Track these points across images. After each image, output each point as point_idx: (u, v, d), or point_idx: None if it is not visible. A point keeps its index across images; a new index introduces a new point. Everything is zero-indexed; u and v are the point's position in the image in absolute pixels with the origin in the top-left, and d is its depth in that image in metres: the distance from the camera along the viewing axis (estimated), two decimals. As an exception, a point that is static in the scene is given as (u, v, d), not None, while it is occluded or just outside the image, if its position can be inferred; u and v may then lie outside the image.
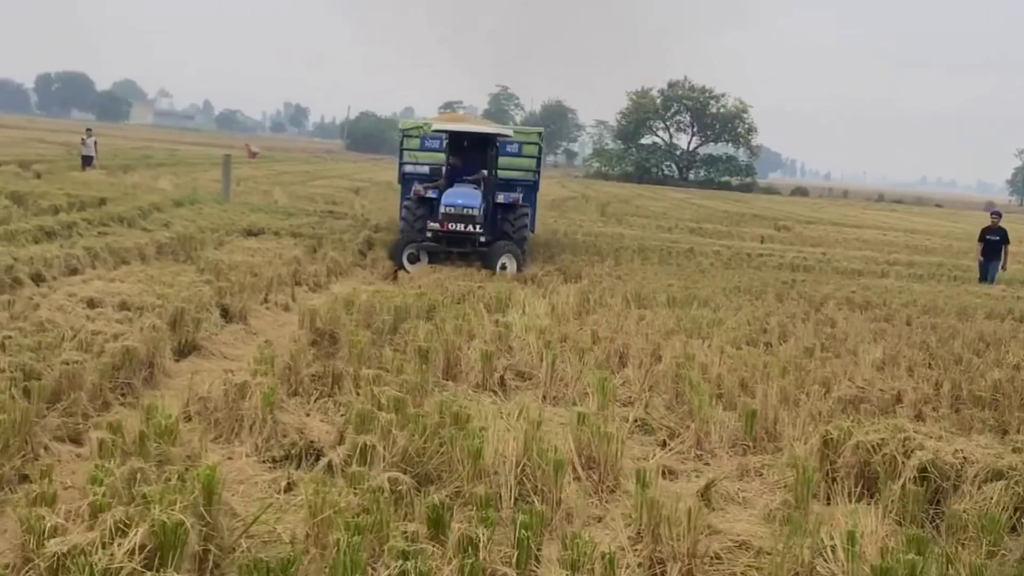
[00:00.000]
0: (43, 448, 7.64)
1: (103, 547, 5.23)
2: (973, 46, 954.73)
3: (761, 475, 8.66)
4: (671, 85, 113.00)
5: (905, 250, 35.03)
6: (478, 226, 19.82)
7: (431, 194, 21.01)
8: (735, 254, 27.59)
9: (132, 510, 5.56)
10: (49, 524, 5.39)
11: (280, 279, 16.11)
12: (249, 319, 13.29)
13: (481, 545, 5.63)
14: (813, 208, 69.75)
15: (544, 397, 10.57)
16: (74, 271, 15.15)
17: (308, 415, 9.09)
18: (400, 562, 5.27)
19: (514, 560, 5.67)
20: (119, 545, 5.27)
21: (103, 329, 10.60)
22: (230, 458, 7.96)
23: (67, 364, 8.89)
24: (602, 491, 7.86)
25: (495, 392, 10.64)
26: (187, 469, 6.79)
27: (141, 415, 7.78)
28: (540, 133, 24.80)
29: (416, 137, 23.72)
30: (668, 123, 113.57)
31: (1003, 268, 25.37)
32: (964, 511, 7.23)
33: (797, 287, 20.52)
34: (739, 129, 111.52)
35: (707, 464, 9.04)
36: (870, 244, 36.68)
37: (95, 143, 41.39)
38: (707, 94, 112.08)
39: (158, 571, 5.24)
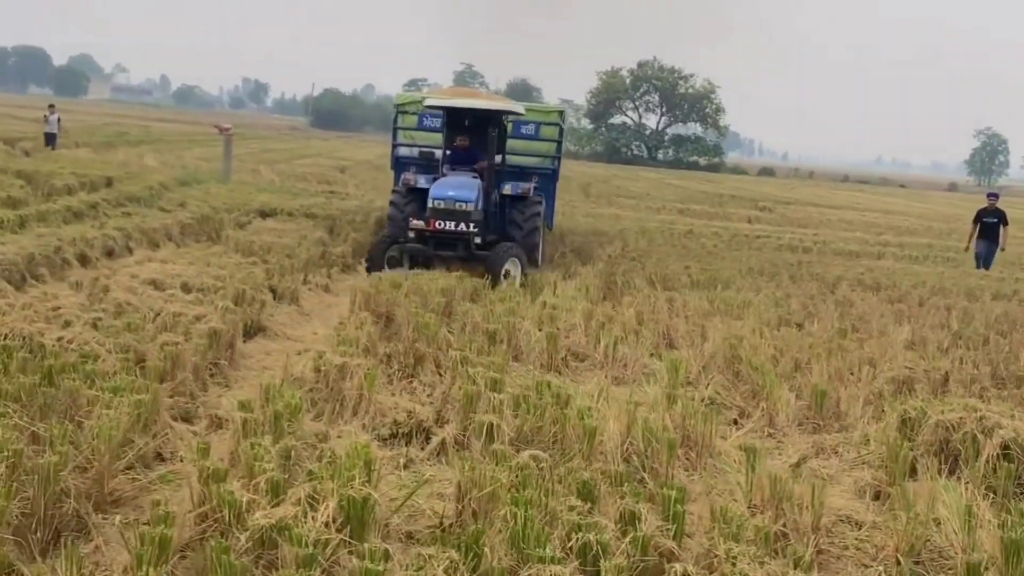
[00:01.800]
0: (169, 427, 7.91)
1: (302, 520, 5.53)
2: (931, 27, 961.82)
3: (837, 453, 9.05)
4: (640, 65, 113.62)
5: (890, 231, 35.63)
6: (472, 224, 16.03)
7: (423, 183, 17.31)
8: (733, 236, 28.04)
9: (319, 485, 5.86)
10: (245, 499, 5.68)
11: (312, 260, 16.39)
12: (300, 300, 13.57)
13: (642, 519, 5.99)
14: (785, 189, 70.42)
15: (605, 376, 10.87)
16: (111, 252, 15.32)
17: (393, 395, 9.37)
18: (581, 534, 5.59)
19: (672, 533, 6.00)
20: (313, 518, 5.58)
21: (183, 311, 10.86)
22: (339, 436, 8.23)
23: (168, 345, 9.17)
24: (700, 468, 8.21)
25: (559, 372, 10.99)
26: (319, 447, 7.13)
27: (260, 397, 8.04)
28: (561, 113, 21.21)
29: (413, 114, 20.21)
30: (637, 103, 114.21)
31: (1002, 248, 24.85)
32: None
33: (805, 268, 20.98)
34: (707, 109, 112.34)
35: (780, 442, 9.40)
36: (855, 225, 37.25)
37: (58, 120, 39.84)
38: (676, 74, 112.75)
39: (349, 543, 5.54)
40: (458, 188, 16.39)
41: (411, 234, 16.13)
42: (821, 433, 9.55)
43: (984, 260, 24.11)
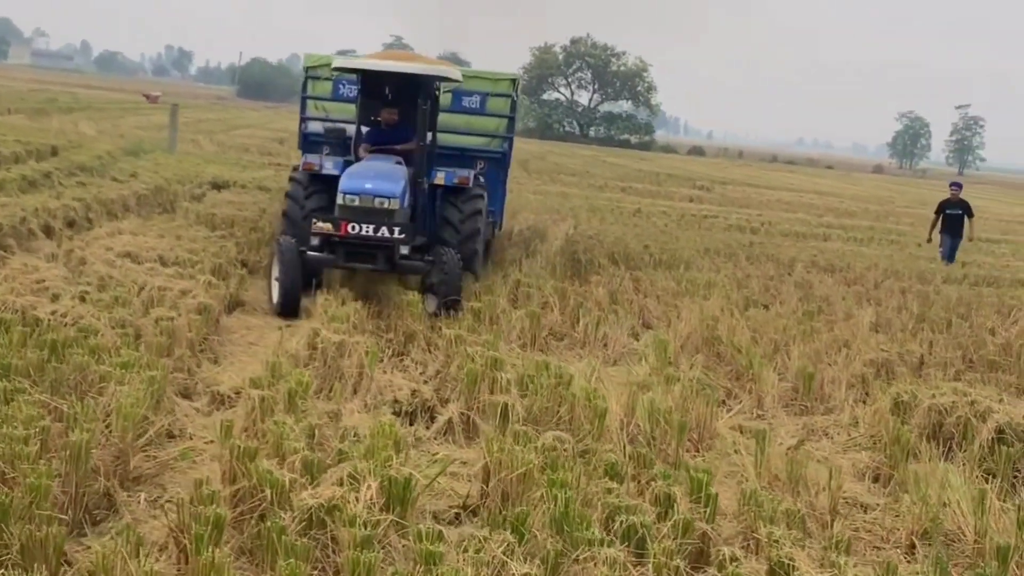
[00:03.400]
0: (175, 404, 7.83)
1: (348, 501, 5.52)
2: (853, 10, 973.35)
3: (828, 435, 9.20)
4: (574, 42, 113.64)
5: (830, 213, 36.09)
6: (398, 228, 11.81)
7: (330, 169, 13.03)
8: (681, 215, 28.23)
9: (358, 465, 5.86)
10: (287, 478, 5.66)
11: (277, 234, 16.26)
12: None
13: (677, 500, 6.06)
14: (718, 169, 70.97)
15: (595, 356, 10.92)
16: (72, 223, 15.06)
17: (385, 372, 9.32)
18: (624, 516, 5.64)
19: (705, 515, 6.07)
20: (356, 499, 5.58)
21: (167, 285, 10.74)
22: (334, 416, 8.18)
23: (163, 321, 9.08)
24: (702, 449, 8.30)
25: (542, 351, 11.02)
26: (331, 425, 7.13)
27: (266, 374, 7.99)
28: (515, 81, 16.26)
29: (326, 80, 15.72)
30: (570, 80, 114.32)
31: (970, 239, 23.66)
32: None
33: (759, 249, 21.20)
34: (639, 88, 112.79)
35: (770, 424, 9.51)
36: (794, 207, 37.69)
37: None
38: (608, 52, 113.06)
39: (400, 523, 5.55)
40: (377, 179, 12.20)
41: (313, 240, 11.83)
42: (809, 415, 9.70)
43: (948, 253, 22.91)
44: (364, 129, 13.59)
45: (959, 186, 23.68)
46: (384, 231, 11.74)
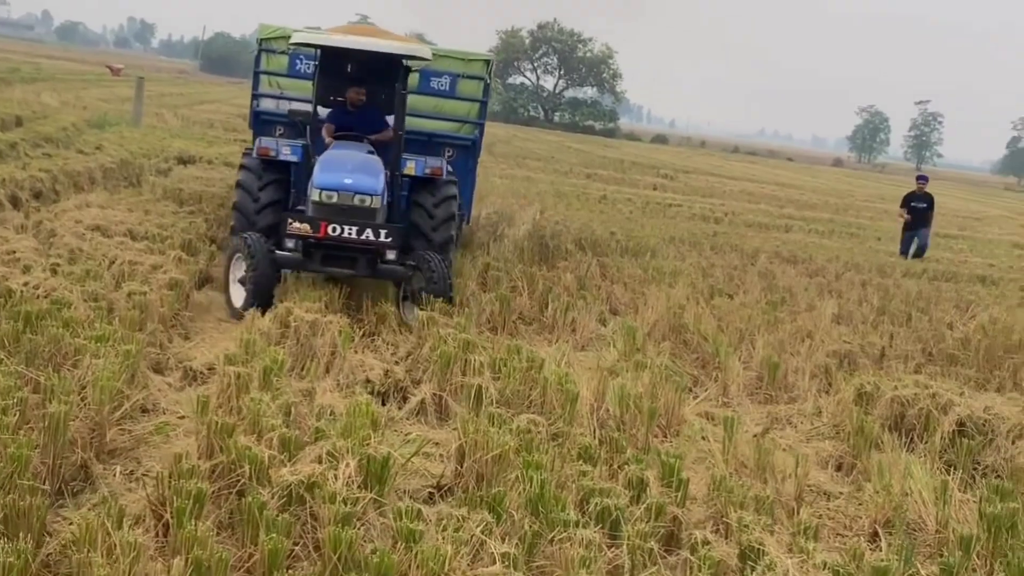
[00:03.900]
0: (148, 379, 7.85)
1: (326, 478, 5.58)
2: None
3: (791, 423, 9.34)
4: (541, 27, 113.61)
5: (791, 205, 36.37)
6: (383, 232, 10.71)
7: (288, 155, 11.68)
8: (646, 203, 28.37)
9: (336, 443, 5.92)
10: (266, 455, 5.71)
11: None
12: (241, 252, 13.46)
13: (649, 484, 6.17)
14: (681, 157, 71.31)
15: (564, 341, 11.01)
16: (38, 194, 14.99)
17: (356, 352, 9.35)
18: (598, 499, 5.74)
19: (676, 499, 6.18)
20: (335, 476, 5.64)
21: (138, 259, 10.73)
22: (308, 394, 8.22)
23: (135, 295, 9.09)
24: (669, 435, 8.40)
25: (512, 335, 11.10)
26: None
27: (240, 351, 8.02)
28: (488, 63, 15.01)
29: (282, 54, 14.27)
30: (536, 64, 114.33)
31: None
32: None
33: (722, 239, 21.39)
34: (604, 74, 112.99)
35: (735, 411, 9.64)
36: (756, 197, 37.94)
37: None
38: (575, 37, 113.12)
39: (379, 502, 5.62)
40: (357, 173, 11.02)
41: (289, 243, 10.60)
42: (773, 404, 9.84)
43: (918, 247, 22.76)
44: (321, 110, 12.50)
45: (925, 179, 23.69)
46: (369, 234, 10.61)
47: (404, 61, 12.18)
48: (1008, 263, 25.66)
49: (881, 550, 6.24)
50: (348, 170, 11.01)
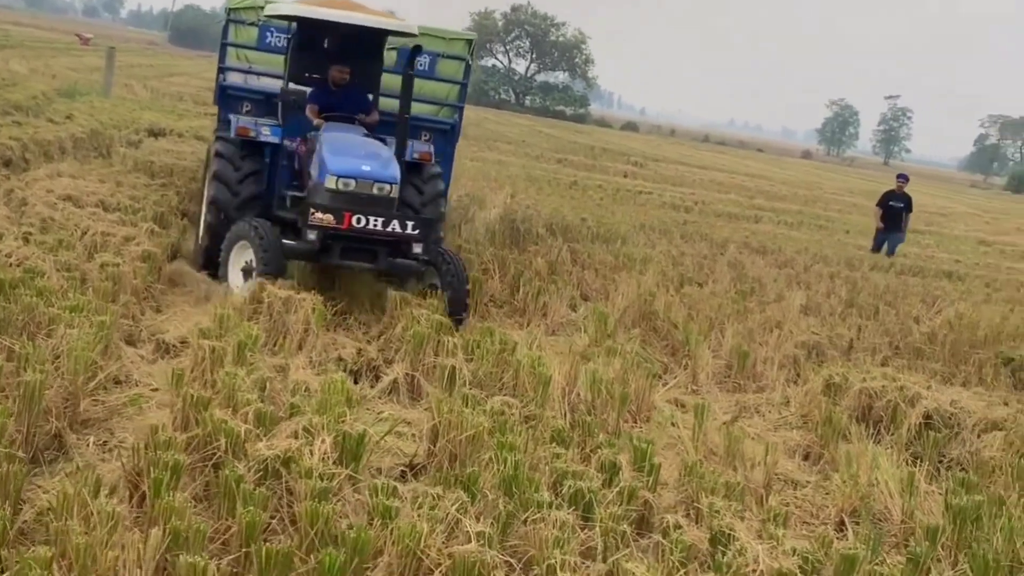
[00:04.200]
0: (121, 351, 7.84)
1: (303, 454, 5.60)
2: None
3: (760, 412, 9.43)
4: (514, 9, 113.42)
5: (761, 196, 36.57)
6: (411, 225, 10.03)
7: (268, 136, 11.20)
8: (616, 190, 28.47)
9: (312, 419, 5.94)
10: (243, 429, 5.72)
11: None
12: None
13: (622, 468, 6.23)
14: (652, 145, 71.48)
15: (536, 325, 11.06)
16: (8, 162, 14.88)
17: (328, 330, 9.34)
18: (571, 481, 5.79)
19: (648, 484, 6.24)
20: (311, 452, 5.67)
21: (110, 231, 10.69)
22: (281, 370, 8.20)
23: (108, 266, 9.06)
24: (639, 421, 8.47)
25: (483, 318, 11.14)
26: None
27: (214, 325, 8.00)
28: (470, 43, 14.05)
29: (251, 25, 13.21)
30: (508, 47, 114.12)
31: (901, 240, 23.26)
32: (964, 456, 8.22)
33: (692, 228, 21.50)
34: (576, 59, 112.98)
35: (704, 399, 9.72)
36: (726, 187, 38.12)
37: None
38: (548, 21, 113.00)
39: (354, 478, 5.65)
40: (372, 159, 10.34)
41: (310, 235, 9.81)
42: (742, 392, 9.93)
43: (889, 245, 22.36)
44: (295, 88, 11.54)
45: (906, 178, 23.03)
46: (395, 226, 9.87)
47: (387, 37, 11.71)
48: (974, 259, 25.97)
49: (847, 539, 6.32)
50: (363, 156, 10.32)
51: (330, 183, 9.96)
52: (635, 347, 10.37)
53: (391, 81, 12.17)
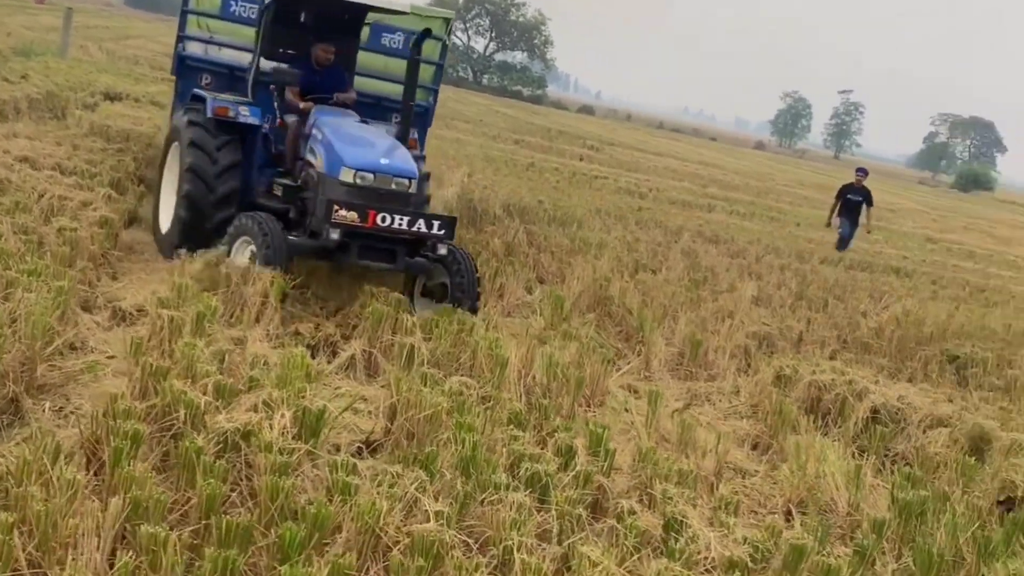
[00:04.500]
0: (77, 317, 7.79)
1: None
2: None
3: (710, 401, 9.55)
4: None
5: (714, 185, 36.79)
6: (437, 224, 9.48)
7: (248, 117, 10.46)
8: (573, 173, 28.52)
9: (272, 392, 5.96)
10: (202, 400, 5.73)
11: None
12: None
13: (578, 452, 6.30)
14: (607, 130, 71.58)
15: (484, 305, 11.03)
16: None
17: (287, 304, 9.29)
18: (528, 464, 5.84)
19: (603, 468, 6.31)
20: (270, 426, 5.68)
21: (67, 195, 10.60)
22: (239, 342, 8.16)
23: (66, 231, 9.00)
24: (593, 405, 8.54)
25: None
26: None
27: (173, 295, 7.96)
28: (448, 21, 12.92)
29: None
30: (468, 25, 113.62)
31: (867, 230, 23.43)
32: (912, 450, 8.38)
33: (647, 214, 21.61)
34: (536, 40, 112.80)
35: (656, 386, 9.81)
36: (680, 175, 38.32)
37: None
38: (509, 1, 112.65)
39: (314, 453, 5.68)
40: (387, 151, 9.75)
41: (333, 234, 9.09)
42: (693, 380, 10.03)
43: (844, 240, 22.27)
44: (268, 64, 10.80)
45: (865, 172, 22.77)
46: (421, 225, 9.29)
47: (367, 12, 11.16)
48: (921, 256, 26.30)
49: (794, 529, 6.43)
50: (378, 148, 9.74)
51: (346, 176, 9.35)
52: (590, 332, 10.46)
53: (367, 60, 11.86)
